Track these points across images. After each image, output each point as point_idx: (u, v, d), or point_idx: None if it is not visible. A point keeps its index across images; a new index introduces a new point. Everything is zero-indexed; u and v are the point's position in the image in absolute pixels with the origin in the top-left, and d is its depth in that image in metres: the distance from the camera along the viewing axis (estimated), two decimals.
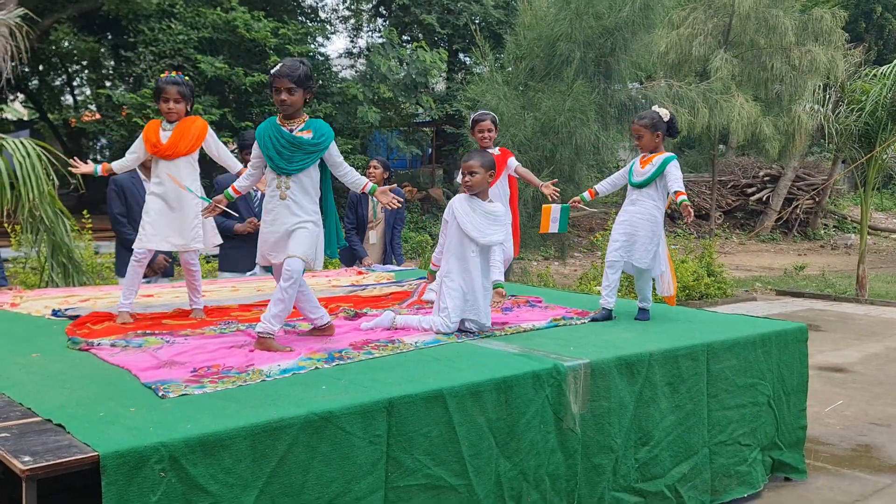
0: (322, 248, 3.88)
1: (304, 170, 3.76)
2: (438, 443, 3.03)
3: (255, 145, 3.84)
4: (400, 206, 4.04)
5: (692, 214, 4.45)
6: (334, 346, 3.71)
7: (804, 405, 4.69)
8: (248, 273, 6.30)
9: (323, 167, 3.89)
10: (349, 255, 7.19)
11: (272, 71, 3.73)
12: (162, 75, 4.39)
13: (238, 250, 6.15)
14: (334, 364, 3.38)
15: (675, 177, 4.59)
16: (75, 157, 4.55)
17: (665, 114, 4.73)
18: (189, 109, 4.36)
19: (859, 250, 12.69)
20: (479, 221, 4.09)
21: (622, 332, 4.29)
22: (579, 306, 5.03)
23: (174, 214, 4.23)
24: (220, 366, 3.29)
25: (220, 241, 4.59)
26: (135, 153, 4.42)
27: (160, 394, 2.88)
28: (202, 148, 4.36)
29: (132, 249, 4.40)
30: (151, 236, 4.25)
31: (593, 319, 4.61)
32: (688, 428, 3.97)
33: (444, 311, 4.08)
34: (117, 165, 4.50)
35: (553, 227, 5.22)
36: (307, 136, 3.75)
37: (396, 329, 4.14)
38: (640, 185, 4.68)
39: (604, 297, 4.68)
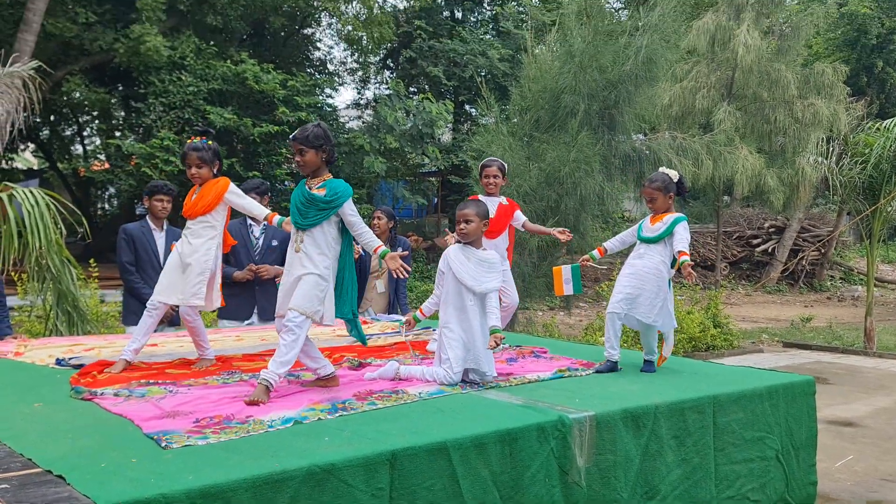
0: (332, 302, 3.89)
1: (317, 225, 3.84)
2: (442, 496, 2.99)
3: None
4: (406, 275, 4.09)
5: (693, 276, 4.46)
6: (338, 396, 3.69)
7: (814, 460, 4.62)
8: (246, 322, 6.27)
9: (345, 228, 3.96)
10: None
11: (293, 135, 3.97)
12: (188, 140, 4.47)
13: (237, 298, 6.13)
14: (337, 415, 3.36)
15: (682, 237, 4.60)
16: None
17: (674, 175, 4.78)
18: (216, 171, 4.41)
19: (866, 302, 12.64)
20: (473, 270, 4.10)
21: (628, 385, 4.26)
22: (585, 357, 5.00)
23: (183, 270, 4.27)
24: (223, 416, 3.27)
25: (219, 303, 4.55)
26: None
27: (163, 444, 2.86)
28: (232, 207, 4.41)
29: (138, 298, 4.39)
30: (164, 288, 4.30)
31: (598, 371, 4.58)
32: (695, 482, 3.92)
33: (445, 363, 4.06)
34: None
35: (567, 290, 5.16)
36: (321, 193, 3.86)
37: (400, 380, 4.12)
38: (650, 241, 4.69)
39: (608, 350, 4.65)
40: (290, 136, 3.95)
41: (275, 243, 6.31)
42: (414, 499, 2.91)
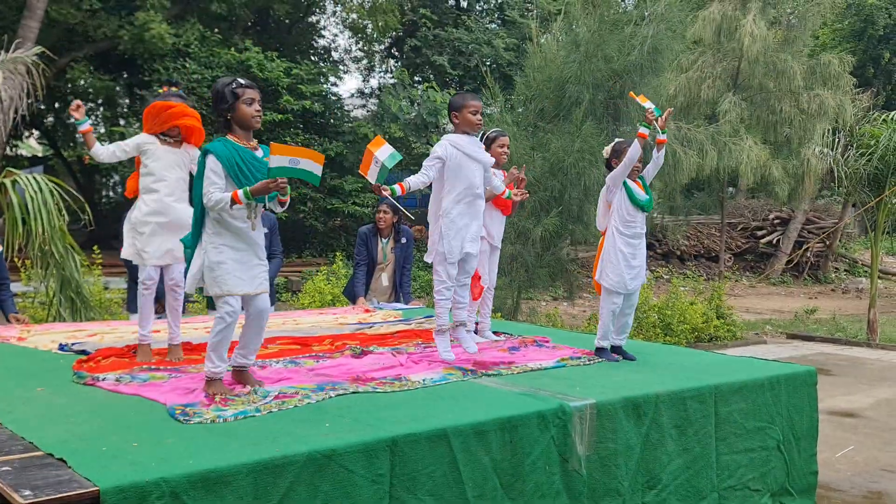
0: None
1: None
2: (442, 483, 3.00)
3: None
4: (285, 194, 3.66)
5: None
6: (331, 380, 3.69)
7: (815, 450, 4.62)
8: None
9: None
10: (355, 295, 7.18)
11: (242, 82, 3.47)
12: (161, 90, 4.40)
13: None
14: (322, 394, 3.40)
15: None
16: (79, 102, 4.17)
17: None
18: None
19: (870, 294, 12.61)
20: (477, 147, 4.48)
21: (629, 374, 4.26)
22: (587, 347, 4.99)
23: (169, 226, 4.13)
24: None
25: None
26: (125, 151, 4.18)
27: (182, 419, 3.00)
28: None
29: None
30: (153, 253, 4.12)
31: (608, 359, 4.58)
32: (696, 472, 3.92)
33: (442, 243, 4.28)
34: (101, 148, 4.19)
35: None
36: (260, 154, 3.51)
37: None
38: (644, 209, 4.67)
39: (606, 337, 4.66)
40: (249, 85, 3.46)
41: (265, 230, 6.27)
42: (414, 485, 2.92)
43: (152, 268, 4.18)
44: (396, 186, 4.13)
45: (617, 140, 4.84)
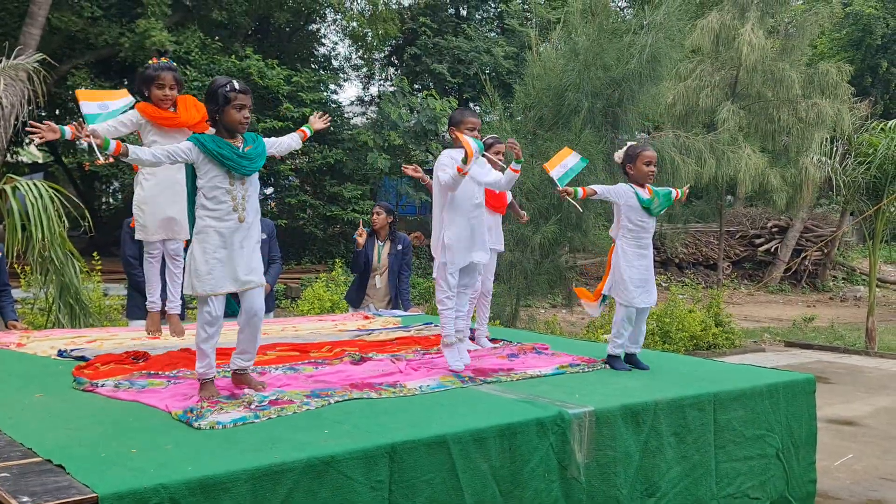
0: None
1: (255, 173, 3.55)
2: (441, 490, 3.00)
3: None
4: (327, 124, 4.27)
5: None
6: (326, 386, 3.69)
7: (814, 458, 4.61)
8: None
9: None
10: (356, 298, 7.20)
11: (236, 86, 3.44)
12: (151, 62, 4.41)
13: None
14: (322, 400, 3.41)
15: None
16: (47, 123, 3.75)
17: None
18: None
19: (868, 302, 12.62)
20: (477, 165, 4.55)
21: (628, 381, 4.26)
22: (586, 354, 5.00)
23: (171, 203, 4.23)
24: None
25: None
26: (124, 125, 4.29)
27: (195, 424, 3.01)
28: None
29: (143, 292, 4.42)
30: (156, 228, 4.28)
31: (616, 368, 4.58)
32: (695, 479, 3.92)
33: (440, 268, 4.34)
34: (101, 128, 4.12)
35: (557, 172, 5.00)
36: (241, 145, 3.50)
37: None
38: (653, 215, 4.81)
39: (620, 345, 4.66)
40: (242, 89, 3.43)
41: (264, 236, 6.26)
42: (413, 492, 2.92)
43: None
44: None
45: (629, 144, 4.89)
